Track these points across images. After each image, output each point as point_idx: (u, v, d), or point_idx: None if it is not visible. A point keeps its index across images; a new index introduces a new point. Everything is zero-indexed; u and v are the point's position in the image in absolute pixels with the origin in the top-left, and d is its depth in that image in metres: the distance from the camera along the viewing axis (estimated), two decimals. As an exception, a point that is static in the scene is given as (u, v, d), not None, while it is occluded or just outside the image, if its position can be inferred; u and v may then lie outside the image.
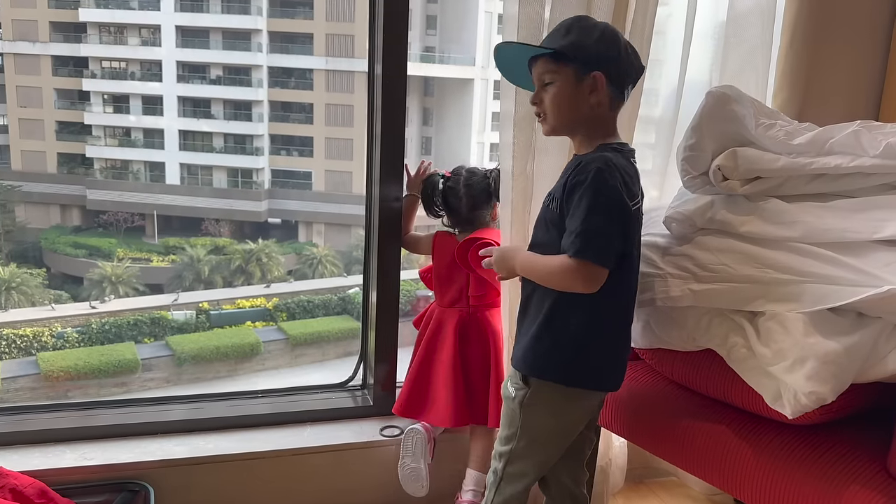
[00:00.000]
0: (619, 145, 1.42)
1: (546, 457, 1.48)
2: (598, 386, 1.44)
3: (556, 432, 1.46)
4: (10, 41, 19.72)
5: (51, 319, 12.59)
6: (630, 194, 1.34)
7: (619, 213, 1.32)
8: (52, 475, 1.77)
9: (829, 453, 1.31)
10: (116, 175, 20.40)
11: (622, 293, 1.41)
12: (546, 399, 1.42)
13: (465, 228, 2.01)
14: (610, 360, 1.43)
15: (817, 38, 1.90)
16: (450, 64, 19.03)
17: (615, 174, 1.31)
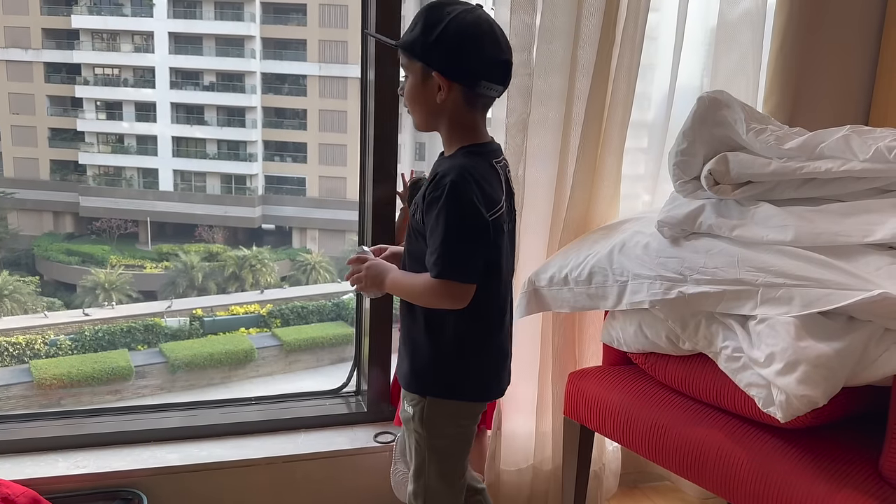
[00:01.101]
0: (478, 147, 1.34)
1: (457, 470, 1.45)
2: (483, 397, 1.43)
3: (457, 443, 1.43)
4: (2, 48, 19.69)
5: (44, 327, 12.54)
6: (490, 202, 1.29)
7: (477, 229, 1.27)
8: (44, 484, 1.76)
9: (822, 457, 1.31)
10: (109, 182, 20.36)
11: (493, 299, 1.37)
12: (441, 413, 1.38)
13: None
14: (491, 368, 1.41)
15: (807, 43, 1.92)
16: (443, 69, 19.07)
17: (469, 186, 1.26)
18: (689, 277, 1.46)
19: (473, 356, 1.37)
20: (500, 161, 1.38)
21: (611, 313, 1.69)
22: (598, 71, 1.76)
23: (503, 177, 1.36)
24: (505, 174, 1.38)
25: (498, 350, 1.41)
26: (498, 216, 1.31)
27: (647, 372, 1.65)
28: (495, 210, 1.30)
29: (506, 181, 1.38)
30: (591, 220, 1.88)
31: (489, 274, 1.32)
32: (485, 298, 1.32)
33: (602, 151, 1.85)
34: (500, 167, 1.37)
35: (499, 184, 1.33)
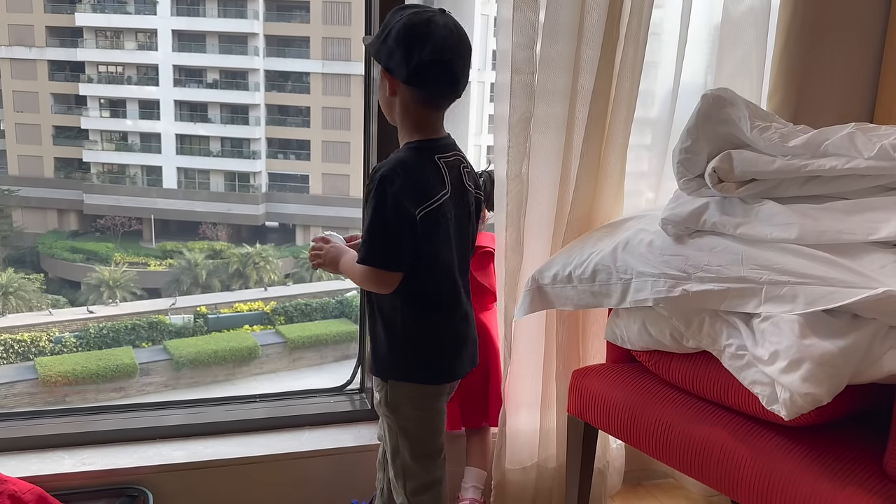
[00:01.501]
0: (424, 143, 1.41)
1: (430, 449, 1.53)
2: (437, 380, 1.49)
3: (422, 423, 1.50)
4: (6, 46, 19.72)
5: (48, 324, 12.58)
6: (421, 197, 1.36)
7: (399, 221, 1.35)
8: (50, 481, 1.77)
9: (826, 454, 1.31)
10: (113, 179, 20.39)
11: (432, 290, 1.44)
12: (402, 396, 1.48)
13: None
14: (443, 353, 1.49)
15: (811, 41, 1.91)
16: (446, 66, 19.04)
17: (396, 181, 1.34)
18: (693, 275, 1.45)
19: (423, 343, 1.46)
20: (449, 157, 1.44)
21: (615, 311, 1.69)
22: (601, 68, 1.76)
23: (447, 172, 1.42)
24: (459, 170, 1.46)
25: (449, 337, 1.49)
26: (430, 210, 1.37)
27: (651, 370, 1.65)
28: (428, 204, 1.37)
29: (459, 177, 1.45)
30: (595, 218, 1.87)
31: (425, 266, 1.41)
32: (425, 289, 1.42)
33: (605, 149, 1.85)
34: (448, 163, 1.43)
35: (439, 179, 1.41)
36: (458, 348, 1.51)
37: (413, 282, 1.40)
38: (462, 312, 1.50)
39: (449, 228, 1.42)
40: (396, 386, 1.48)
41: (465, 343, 1.52)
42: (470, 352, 1.54)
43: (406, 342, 1.45)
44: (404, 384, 1.47)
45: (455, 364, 1.51)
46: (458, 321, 1.50)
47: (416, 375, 1.47)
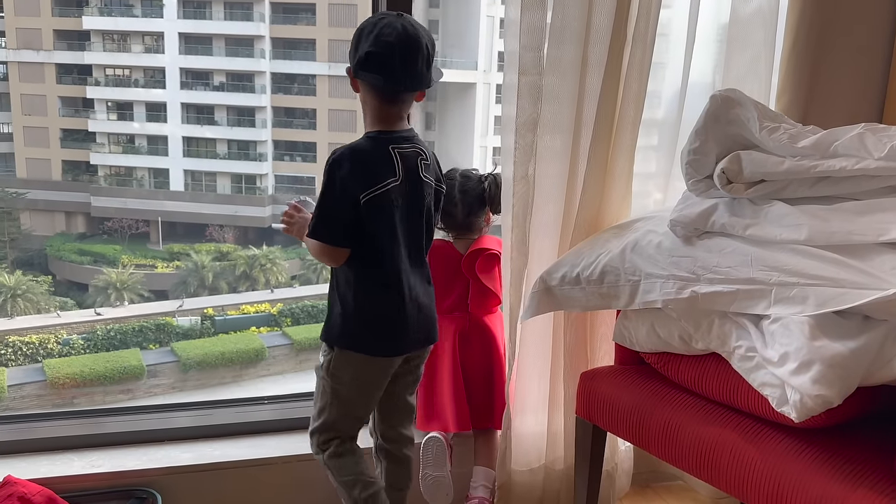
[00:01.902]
0: (381, 133, 1.55)
1: (354, 417, 1.66)
2: (378, 352, 1.60)
3: (362, 396, 1.63)
4: (14, 50, 19.79)
5: (56, 326, 12.62)
6: (368, 182, 1.49)
7: (342, 201, 1.50)
8: (59, 483, 1.78)
9: (837, 456, 1.31)
10: (121, 182, 20.44)
11: (378, 270, 1.56)
12: (344, 363, 1.60)
13: (461, 234, 2.01)
14: (385, 329, 1.59)
15: (820, 41, 1.90)
16: (452, 68, 19.05)
17: (344, 164, 1.50)
18: (703, 277, 1.45)
19: (369, 317, 1.58)
20: (405, 148, 1.56)
21: (623, 313, 1.68)
22: (609, 69, 1.76)
23: (400, 162, 1.53)
24: (416, 162, 1.56)
25: (394, 315, 1.58)
26: (375, 195, 1.50)
27: (660, 372, 1.65)
28: (373, 190, 1.50)
29: (414, 168, 1.56)
30: (603, 220, 1.87)
31: (372, 246, 1.54)
32: (372, 268, 1.56)
33: (613, 151, 1.84)
34: (402, 153, 1.55)
35: (390, 168, 1.52)
36: (404, 327, 1.60)
37: (362, 260, 1.55)
38: (410, 294, 1.59)
39: (394, 214, 1.53)
40: (342, 354, 1.60)
41: (412, 323, 1.61)
42: (419, 333, 1.63)
43: (354, 315, 1.57)
44: (349, 353, 1.60)
45: (399, 342, 1.61)
46: (404, 301, 1.58)
47: (360, 346, 1.59)
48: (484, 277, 1.94)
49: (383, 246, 1.55)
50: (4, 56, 19.44)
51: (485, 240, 1.99)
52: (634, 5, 1.75)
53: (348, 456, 1.68)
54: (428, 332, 1.67)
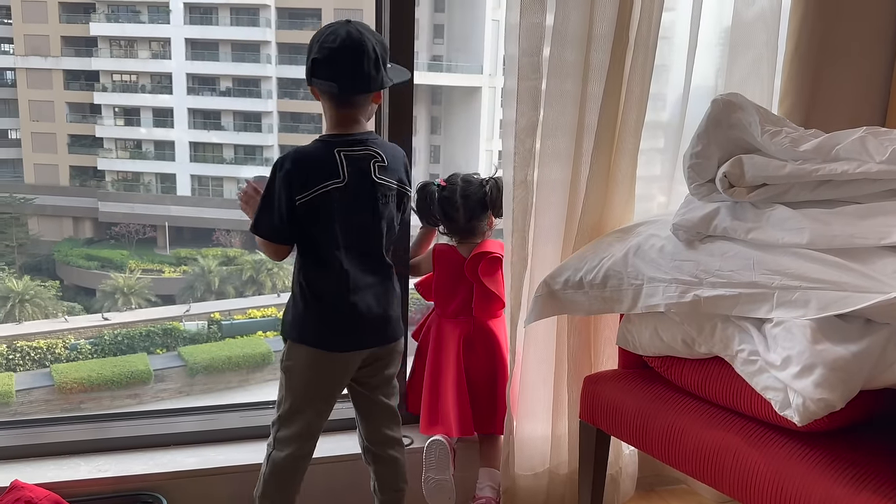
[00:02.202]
0: (331, 136, 1.60)
1: (308, 415, 1.66)
2: (322, 347, 1.63)
3: (311, 388, 1.65)
4: (22, 56, 19.90)
5: (64, 331, 12.67)
6: (307, 183, 1.54)
7: (279, 200, 1.55)
8: (66, 487, 1.79)
9: (840, 460, 1.30)
10: (128, 187, 20.52)
11: (323, 268, 1.60)
12: (293, 355, 1.64)
13: (464, 238, 2.02)
14: (329, 325, 1.62)
15: (822, 45, 1.90)
16: (457, 72, 19.08)
17: (284, 165, 1.55)
18: (705, 280, 1.45)
19: (317, 313, 1.62)
20: (355, 151, 1.58)
21: (626, 317, 1.69)
22: (611, 73, 1.76)
23: (345, 164, 1.57)
24: (368, 164, 1.59)
25: (342, 312, 1.61)
26: (311, 198, 1.54)
27: (663, 375, 1.65)
28: (308, 193, 1.54)
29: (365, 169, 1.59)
30: (606, 224, 1.87)
31: (314, 246, 1.59)
32: (318, 267, 1.61)
33: (616, 154, 1.85)
34: (350, 156, 1.58)
35: (331, 170, 1.56)
36: (347, 325, 1.63)
37: (307, 258, 1.61)
38: (353, 294, 1.61)
39: (336, 216, 1.56)
40: (292, 346, 1.65)
41: (357, 323, 1.63)
42: (364, 332, 1.65)
43: (304, 310, 1.62)
44: (298, 346, 1.64)
45: (341, 339, 1.63)
46: (345, 301, 1.60)
47: (306, 339, 1.63)
48: (487, 281, 1.95)
49: (324, 246, 1.59)
50: (13, 62, 19.56)
51: (488, 244, 2.00)
52: (636, 8, 1.76)
53: (284, 473, 1.68)
54: (378, 333, 1.67)
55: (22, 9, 19.91)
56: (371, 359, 1.69)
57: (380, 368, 1.72)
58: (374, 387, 1.73)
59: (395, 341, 1.71)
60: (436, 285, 2.04)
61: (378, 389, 1.73)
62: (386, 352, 1.71)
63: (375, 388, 1.73)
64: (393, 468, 1.77)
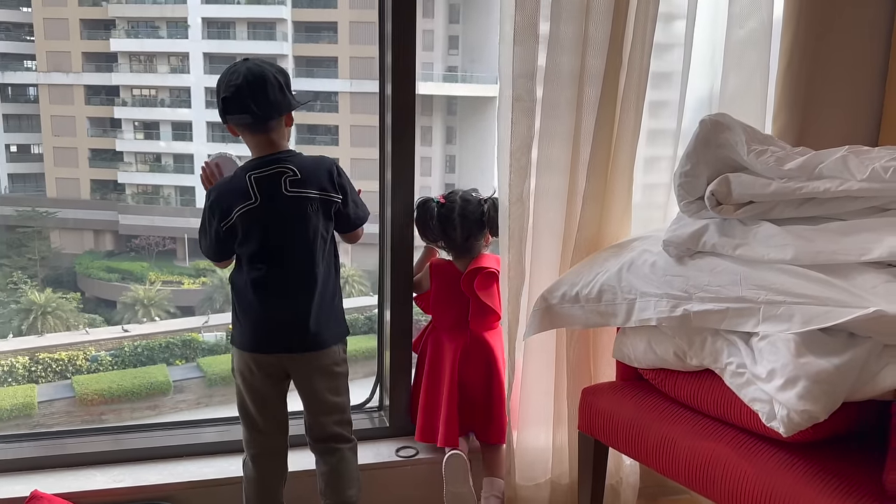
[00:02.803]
0: (247, 162, 1.75)
1: (247, 416, 1.81)
2: (240, 346, 1.78)
3: (244, 386, 1.79)
4: (44, 73, 20.24)
5: (85, 343, 12.82)
6: (222, 214, 1.71)
7: (209, 225, 1.75)
8: (84, 497, 1.86)
9: (826, 470, 1.34)
10: (147, 200, 20.75)
11: (246, 280, 1.74)
12: (234, 359, 1.81)
13: (462, 255, 2.08)
14: (249, 329, 1.77)
15: (814, 64, 1.93)
16: (472, 83, 19.16)
17: (209, 197, 1.75)
18: (694, 295, 1.50)
19: (242, 317, 1.78)
20: (264, 171, 1.71)
21: (622, 330, 1.73)
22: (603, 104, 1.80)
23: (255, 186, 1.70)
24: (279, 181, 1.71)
25: (256, 317, 1.76)
26: (231, 223, 1.71)
27: (658, 387, 1.69)
28: (228, 219, 1.71)
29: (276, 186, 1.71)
30: (603, 239, 1.92)
31: (239, 260, 1.77)
32: (239, 277, 1.77)
33: (612, 168, 1.89)
34: (259, 177, 1.71)
35: (242, 194, 1.70)
36: (271, 329, 1.76)
37: (236, 269, 1.78)
38: (267, 301, 1.74)
39: (252, 232, 1.71)
40: (231, 349, 1.82)
41: (270, 328, 1.76)
42: (277, 338, 1.76)
43: (233, 315, 1.80)
44: (233, 347, 1.81)
45: (264, 341, 1.77)
46: (268, 308, 1.74)
47: (236, 342, 1.80)
48: (483, 295, 2.01)
49: (247, 259, 1.74)
50: (35, 79, 19.90)
51: (484, 258, 2.06)
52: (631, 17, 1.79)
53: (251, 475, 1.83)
54: (292, 340, 1.77)
55: (44, 25, 20.28)
56: (293, 366, 1.80)
57: (303, 379, 1.81)
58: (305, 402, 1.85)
59: (308, 351, 1.78)
60: (433, 299, 2.10)
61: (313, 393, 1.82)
62: (305, 360, 1.79)
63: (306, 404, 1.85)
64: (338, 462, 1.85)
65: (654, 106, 1.96)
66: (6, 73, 19.59)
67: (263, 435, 1.82)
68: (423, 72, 18.30)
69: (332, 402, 1.83)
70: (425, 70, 19.04)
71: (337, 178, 1.79)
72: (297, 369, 1.80)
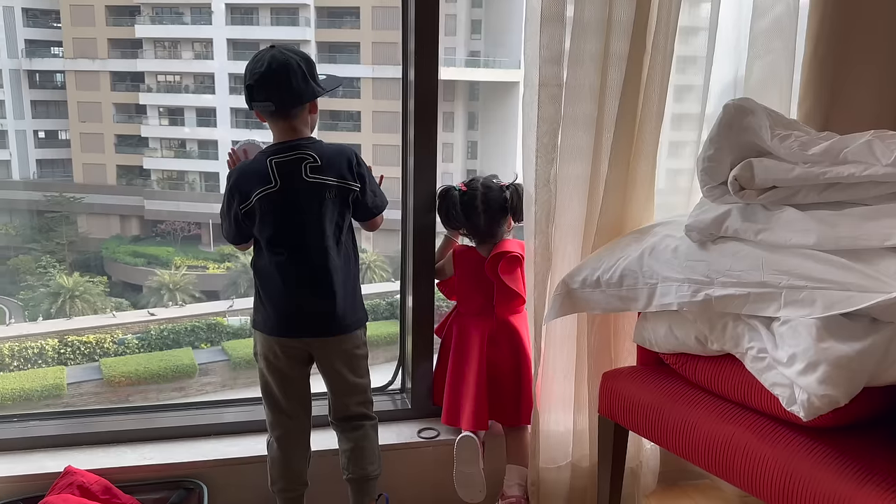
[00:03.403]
0: (268, 147, 1.78)
1: (271, 398, 1.84)
2: (263, 329, 1.81)
3: (268, 369, 1.82)
4: (71, 59, 20.44)
5: (112, 326, 13.01)
6: (241, 195, 1.74)
7: (230, 208, 1.78)
8: (115, 473, 1.91)
9: (846, 455, 1.35)
10: (172, 185, 20.91)
11: (269, 265, 1.77)
12: (257, 342, 1.84)
13: (484, 241, 2.09)
14: (267, 309, 1.80)
15: (841, 47, 1.90)
16: (495, 68, 19.05)
17: (229, 180, 1.78)
18: (716, 280, 1.50)
19: (264, 301, 1.80)
20: (284, 157, 1.74)
21: (643, 315, 1.74)
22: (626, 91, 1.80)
23: (275, 171, 1.73)
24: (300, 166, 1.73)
25: (281, 301, 1.78)
26: (250, 206, 1.73)
27: (678, 372, 1.70)
28: (246, 203, 1.73)
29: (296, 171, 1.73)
30: (626, 225, 1.92)
31: (257, 244, 1.80)
32: (260, 261, 1.79)
33: (635, 154, 1.89)
34: (280, 162, 1.73)
35: (263, 178, 1.73)
36: (297, 314, 1.79)
37: (257, 253, 1.80)
38: (294, 286, 1.76)
39: (271, 216, 1.73)
40: (253, 332, 1.84)
41: (298, 314, 1.79)
42: (305, 324, 1.79)
43: (256, 299, 1.82)
44: (255, 331, 1.83)
45: (290, 325, 1.80)
46: (289, 293, 1.77)
47: (256, 323, 1.83)
48: (507, 279, 2.02)
49: (266, 243, 1.76)
50: (62, 65, 20.10)
51: (507, 243, 2.06)
52: (652, 16, 1.80)
53: (276, 456, 1.86)
54: (318, 325, 1.80)
55: (71, 12, 20.46)
56: (319, 349, 1.82)
57: (330, 360, 1.83)
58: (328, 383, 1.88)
59: (332, 335, 1.82)
60: (458, 285, 2.12)
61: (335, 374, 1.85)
62: (330, 344, 1.82)
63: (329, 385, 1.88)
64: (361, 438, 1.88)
65: (680, 90, 1.95)
66: (34, 60, 19.78)
67: (288, 417, 1.85)
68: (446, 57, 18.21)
69: (355, 382, 1.87)
70: (447, 55, 18.96)
71: (356, 167, 1.80)
72: (321, 352, 1.83)
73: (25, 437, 2.04)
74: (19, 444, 2.02)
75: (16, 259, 16.39)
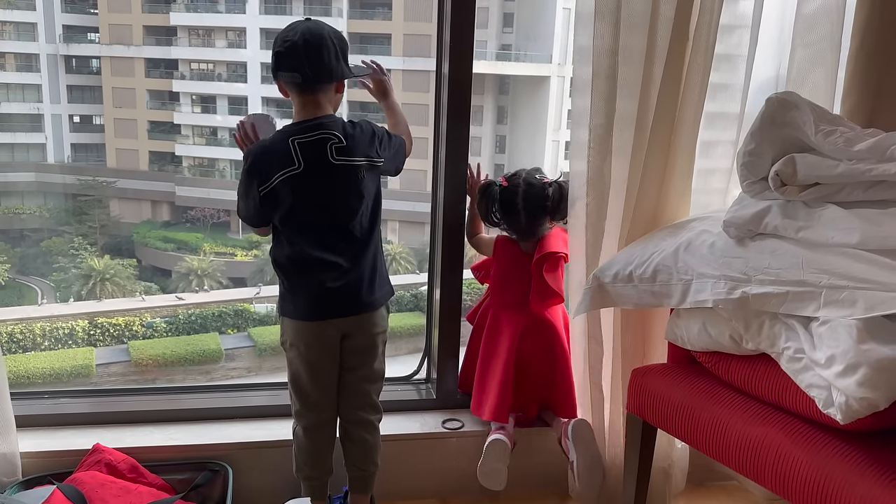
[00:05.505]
0: (290, 125, 1.69)
1: (300, 389, 1.79)
2: (294, 316, 1.75)
3: (300, 358, 1.76)
4: (107, 45, 20.69)
5: (141, 310, 13.20)
6: (261, 176, 1.66)
7: (248, 190, 1.68)
8: (141, 453, 1.93)
9: (882, 461, 1.31)
10: (203, 172, 21.11)
11: (291, 248, 1.71)
12: (285, 330, 1.78)
13: (526, 237, 2.05)
14: (296, 296, 1.74)
15: (889, 41, 1.86)
16: (526, 61, 18.94)
17: (248, 160, 1.69)
18: (754, 278, 1.47)
19: (290, 286, 1.75)
20: (308, 137, 1.66)
21: (675, 311, 1.71)
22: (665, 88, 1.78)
23: (299, 152, 1.65)
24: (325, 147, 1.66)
25: (308, 285, 1.73)
26: (271, 187, 1.65)
27: (711, 370, 1.67)
28: (267, 184, 1.65)
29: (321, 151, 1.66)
30: (661, 222, 1.89)
31: (279, 228, 1.72)
32: (287, 245, 1.71)
33: (672, 150, 1.86)
34: (303, 143, 1.66)
35: (286, 159, 1.65)
36: (318, 296, 1.73)
37: (277, 238, 1.73)
38: (320, 268, 1.70)
39: (296, 198, 1.66)
40: (281, 320, 1.79)
41: (325, 295, 1.72)
42: (333, 303, 1.74)
43: (281, 285, 1.77)
44: (283, 318, 1.78)
45: (314, 307, 1.74)
46: (318, 274, 1.71)
47: (285, 311, 1.77)
48: (549, 278, 1.98)
49: (287, 226, 1.70)
50: (98, 51, 20.37)
51: (552, 240, 2.02)
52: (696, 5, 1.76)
53: (304, 446, 1.82)
54: (344, 304, 1.75)
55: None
56: (347, 328, 1.77)
57: (355, 337, 1.79)
58: (351, 368, 1.81)
59: (363, 312, 1.77)
60: (494, 275, 2.09)
61: (354, 371, 1.81)
62: (356, 322, 1.77)
63: (352, 370, 1.81)
64: (360, 447, 1.85)
65: (714, 88, 1.91)
66: (71, 46, 20.06)
67: (316, 408, 1.81)
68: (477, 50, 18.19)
69: (376, 369, 1.86)
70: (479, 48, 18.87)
71: (378, 141, 1.75)
72: (353, 331, 1.78)
73: (55, 412, 2.07)
74: (49, 421, 2.05)
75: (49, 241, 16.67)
